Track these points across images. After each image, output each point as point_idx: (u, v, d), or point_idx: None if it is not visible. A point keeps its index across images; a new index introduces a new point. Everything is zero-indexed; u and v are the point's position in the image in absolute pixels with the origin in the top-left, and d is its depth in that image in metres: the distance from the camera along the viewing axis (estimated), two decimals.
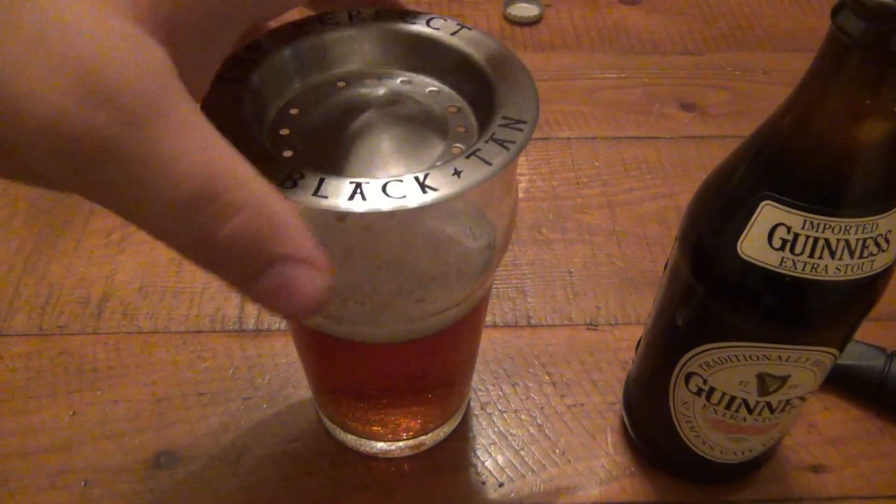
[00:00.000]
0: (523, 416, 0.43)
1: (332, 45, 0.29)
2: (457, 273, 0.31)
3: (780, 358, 0.30)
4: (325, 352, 0.35)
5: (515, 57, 0.27)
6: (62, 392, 0.43)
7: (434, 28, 0.28)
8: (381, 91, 0.28)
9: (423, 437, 0.41)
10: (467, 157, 0.23)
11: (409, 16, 0.29)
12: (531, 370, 0.45)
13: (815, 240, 0.27)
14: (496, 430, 0.42)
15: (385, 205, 0.22)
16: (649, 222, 0.53)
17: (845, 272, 0.27)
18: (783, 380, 0.31)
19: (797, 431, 0.42)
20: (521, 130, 0.24)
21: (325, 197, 0.22)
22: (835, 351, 0.30)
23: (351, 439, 0.41)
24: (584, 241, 0.52)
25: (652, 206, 0.54)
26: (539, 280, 0.49)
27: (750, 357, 0.30)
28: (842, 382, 0.43)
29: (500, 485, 0.40)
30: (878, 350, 0.42)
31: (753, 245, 0.28)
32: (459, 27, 0.29)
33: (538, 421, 0.42)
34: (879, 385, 0.42)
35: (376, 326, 0.31)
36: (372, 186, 0.22)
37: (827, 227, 0.26)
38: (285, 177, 0.23)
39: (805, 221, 0.27)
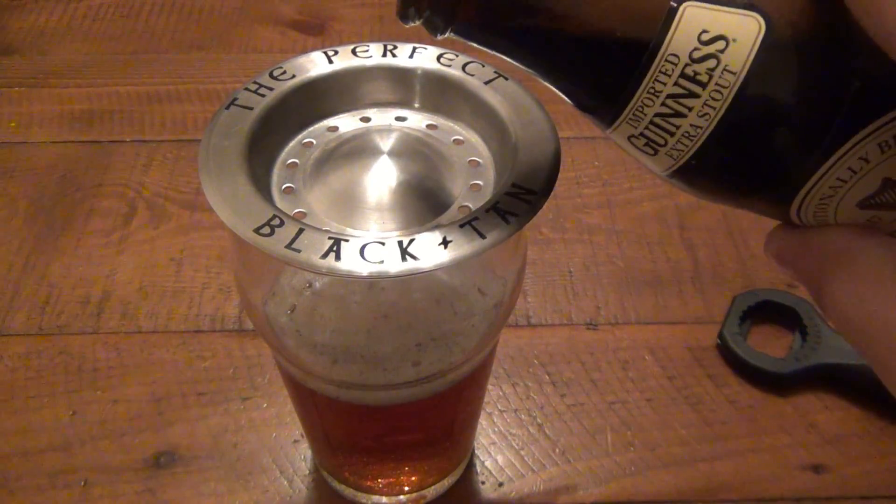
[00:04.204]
0: (523, 416, 0.43)
1: (362, 80, 0.28)
2: (460, 334, 0.29)
3: None
4: (319, 409, 0.34)
5: (547, 120, 0.26)
6: (62, 392, 0.43)
7: (469, 73, 0.27)
8: (401, 135, 0.27)
9: (424, 491, 0.39)
10: (461, 226, 0.22)
11: (446, 56, 0.28)
12: (531, 370, 0.45)
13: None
14: (496, 429, 0.42)
15: (358, 269, 0.21)
16: (649, 222, 0.53)
17: None
18: None
19: (797, 431, 0.42)
20: (528, 202, 0.23)
21: (298, 251, 0.21)
22: None
23: (348, 492, 0.39)
24: (584, 240, 0.51)
25: (652, 206, 0.54)
26: (539, 280, 0.49)
27: None
28: (842, 382, 0.43)
29: (500, 485, 0.40)
30: None
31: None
32: (496, 76, 0.27)
33: (538, 421, 0.42)
34: (879, 385, 0.41)
35: (369, 391, 0.30)
36: (350, 246, 0.22)
37: None
38: (264, 223, 0.22)
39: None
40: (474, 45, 0.22)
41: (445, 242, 0.22)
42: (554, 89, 0.21)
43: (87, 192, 0.54)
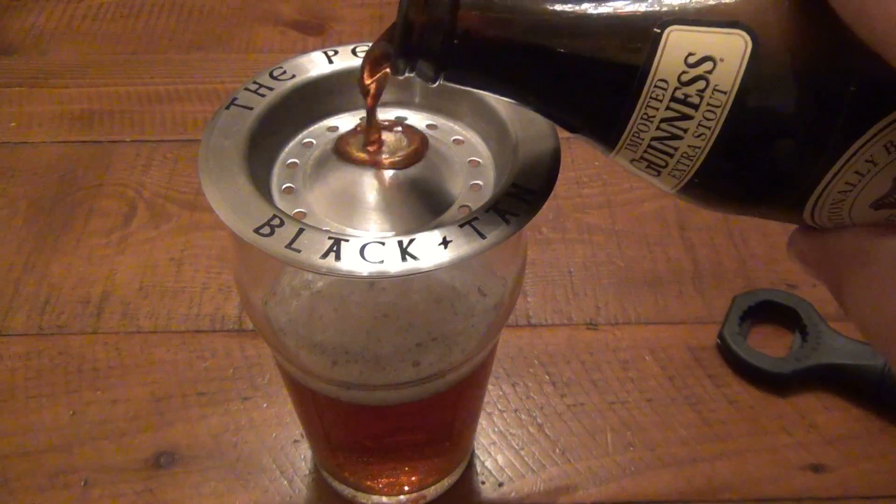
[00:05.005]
0: (523, 416, 0.43)
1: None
2: (460, 334, 0.29)
3: None
4: (319, 409, 0.34)
5: (547, 119, 0.26)
6: (62, 392, 0.43)
7: None
8: (401, 135, 0.27)
9: (423, 491, 0.39)
10: (461, 225, 0.22)
11: None
12: (531, 370, 0.45)
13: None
14: (496, 429, 0.42)
15: (358, 269, 0.21)
16: (649, 222, 0.53)
17: None
18: None
19: (797, 431, 0.42)
20: (528, 202, 0.23)
21: (298, 251, 0.21)
22: None
23: (348, 492, 0.39)
24: (584, 240, 0.51)
25: (652, 205, 0.54)
26: (539, 280, 0.49)
27: None
28: (842, 382, 0.43)
29: (500, 485, 0.40)
30: None
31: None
32: None
33: (538, 421, 0.42)
34: (879, 384, 0.42)
35: (369, 391, 0.30)
36: (350, 246, 0.21)
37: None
38: (264, 223, 0.22)
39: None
40: (468, 88, 0.22)
41: (445, 242, 0.22)
42: (551, 121, 0.21)
43: (87, 192, 0.54)
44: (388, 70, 0.23)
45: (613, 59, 0.19)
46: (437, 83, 0.21)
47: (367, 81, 0.24)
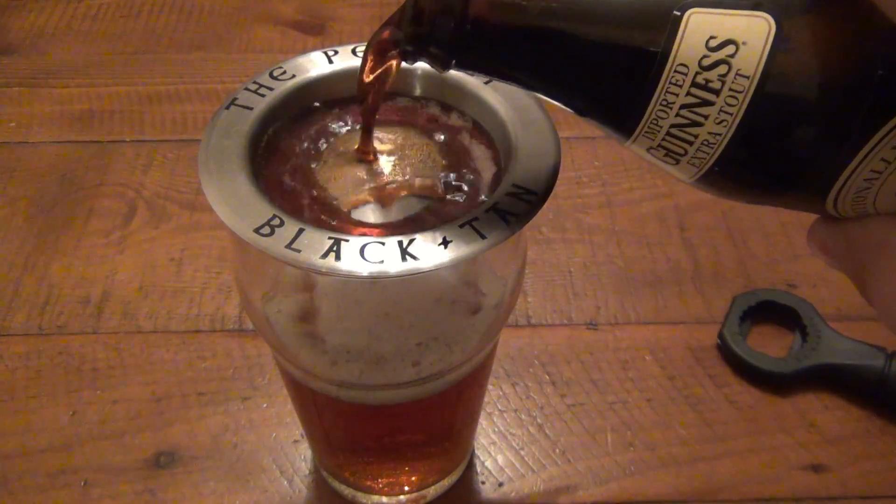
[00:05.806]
0: (523, 416, 0.43)
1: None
2: (460, 334, 0.28)
3: None
4: (319, 409, 0.34)
5: (547, 120, 0.26)
6: (62, 392, 0.43)
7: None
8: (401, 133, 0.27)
9: (423, 491, 0.39)
10: (461, 226, 0.22)
11: None
12: (531, 370, 0.45)
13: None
14: (496, 429, 0.42)
15: (359, 269, 0.21)
16: (649, 222, 0.53)
17: None
18: None
19: (797, 431, 0.42)
20: (528, 203, 0.23)
21: (298, 251, 0.21)
22: None
23: (347, 491, 0.39)
24: (584, 240, 0.51)
25: (652, 205, 0.54)
26: (539, 280, 0.49)
27: None
28: (842, 382, 0.43)
29: (500, 485, 0.40)
30: (878, 350, 0.42)
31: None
32: None
33: (538, 421, 0.42)
34: (879, 385, 0.42)
35: (369, 391, 0.30)
36: (350, 246, 0.22)
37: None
38: (264, 223, 0.22)
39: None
40: (480, 75, 0.21)
41: (445, 242, 0.22)
42: (566, 108, 0.21)
43: (87, 192, 0.54)
44: (392, 63, 0.23)
45: (631, 44, 0.18)
46: (449, 70, 0.20)
47: (370, 77, 0.23)
